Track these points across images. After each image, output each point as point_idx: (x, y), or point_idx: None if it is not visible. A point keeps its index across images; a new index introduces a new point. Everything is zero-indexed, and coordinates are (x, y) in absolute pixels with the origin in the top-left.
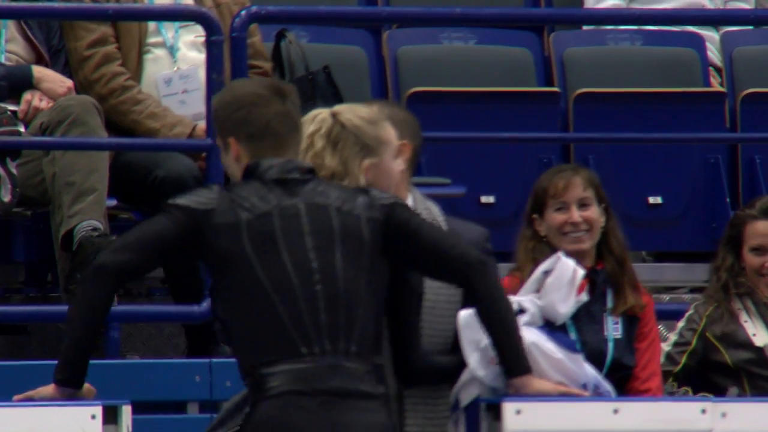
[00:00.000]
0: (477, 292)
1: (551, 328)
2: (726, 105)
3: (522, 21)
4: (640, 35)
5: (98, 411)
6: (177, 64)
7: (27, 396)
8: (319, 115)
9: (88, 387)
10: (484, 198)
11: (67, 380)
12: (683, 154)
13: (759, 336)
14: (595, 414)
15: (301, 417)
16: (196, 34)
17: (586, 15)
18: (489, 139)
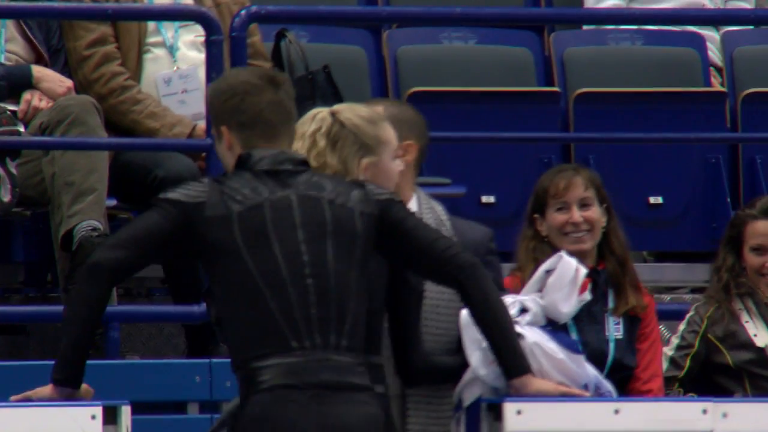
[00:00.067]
0: (470, 295)
1: (553, 328)
2: (727, 105)
3: (522, 21)
4: (641, 35)
5: (98, 411)
6: (177, 64)
7: (25, 396)
8: (319, 114)
9: (86, 387)
10: (485, 198)
11: (65, 380)
12: (684, 154)
13: (760, 336)
14: (596, 414)
15: (292, 410)
16: (195, 33)
17: (587, 15)
18: (489, 139)
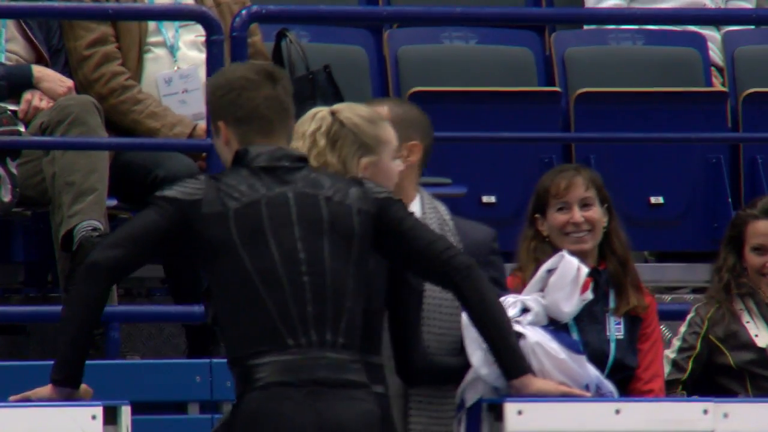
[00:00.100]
0: (467, 297)
1: (555, 328)
2: (728, 105)
3: (523, 20)
4: (642, 35)
5: (98, 411)
6: (177, 64)
7: (24, 397)
8: (319, 113)
9: (85, 388)
10: (485, 198)
11: (64, 380)
12: (685, 153)
13: (761, 337)
14: (597, 414)
15: (288, 407)
16: (196, 33)
17: (588, 14)
18: (490, 139)
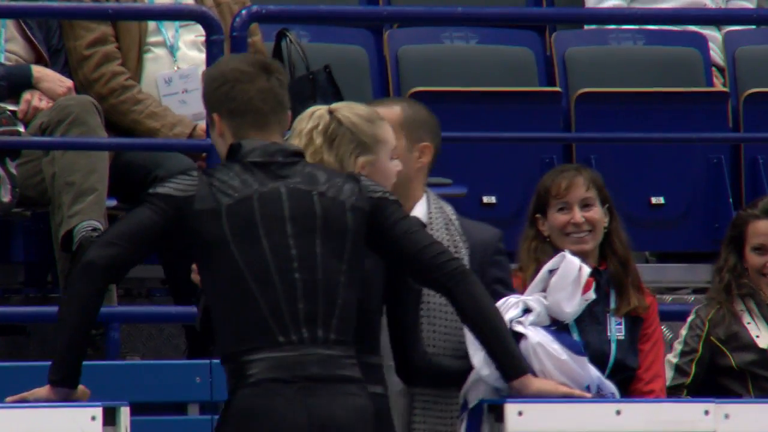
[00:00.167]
0: (460, 302)
1: (558, 328)
2: (729, 105)
3: (524, 20)
4: (643, 35)
5: (98, 412)
6: (177, 64)
7: (21, 397)
8: (317, 111)
9: (83, 388)
10: (486, 198)
11: (62, 381)
12: (686, 154)
13: (762, 337)
14: (598, 415)
15: (280, 404)
16: (196, 33)
17: (588, 14)
18: (490, 139)
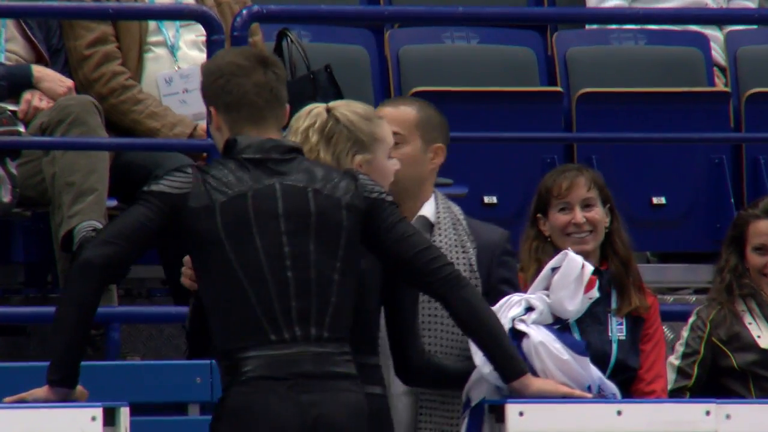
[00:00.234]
0: (454, 307)
1: (560, 328)
2: (730, 105)
3: (525, 20)
4: (644, 34)
5: (98, 413)
6: (178, 64)
7: (19, 398)
8: (314, 109)
9: (80, 389)
10: (487, 198)
11: (60, 381)
12: (687, 154)
13: (764, 338)
14: (599, 416)
15: (272, 401)
16: (196, 33)
17: (590, 14)
18: (491, 139)
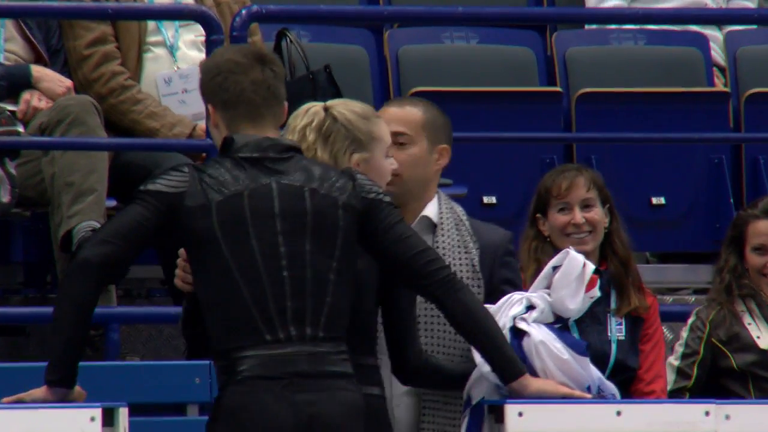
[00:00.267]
0: (449, 309)
1: (560, 328)
2: (730, 105)
3: (524, 20)
4: (644, 35)
5: (98, 413)
6: (177, 64)
7: (17, 398)
8: (312, 108)
9: (78, 389)
10: (486, 198)
11: (59, 381)
12: (687, 154)
13: (763, 338)
14: (598, 416)
15: (267, 400)
16: (196, 33)
17: (589, 14)
18: (491, 139)
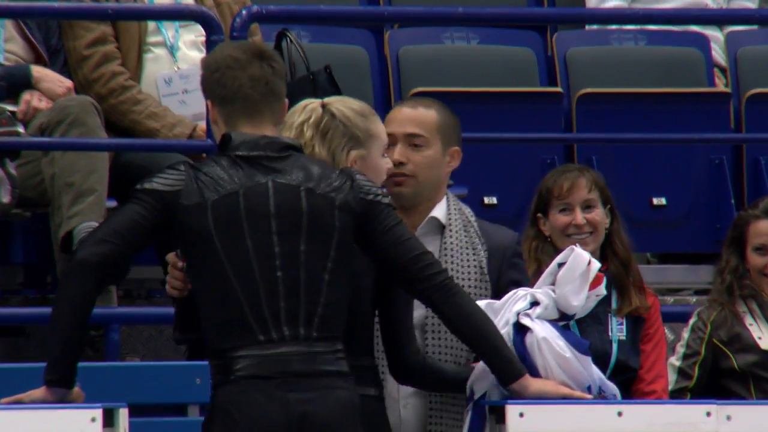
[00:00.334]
0: (446, 313)
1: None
2: (731, 105)
3: (525, 20)
4: (644, 35)
5: (98, 414)
6: (177, 64)
7: (16, 399)
8: (309, 104)
9: (77, 390)
10: (487, 199)
11: (58, 381)
12: (687, 154)
13: (764, 339)
14: (599, 416)
15: (259, 399)
16: (196, 33)
17: (590, 15)
18: (491, 140)
